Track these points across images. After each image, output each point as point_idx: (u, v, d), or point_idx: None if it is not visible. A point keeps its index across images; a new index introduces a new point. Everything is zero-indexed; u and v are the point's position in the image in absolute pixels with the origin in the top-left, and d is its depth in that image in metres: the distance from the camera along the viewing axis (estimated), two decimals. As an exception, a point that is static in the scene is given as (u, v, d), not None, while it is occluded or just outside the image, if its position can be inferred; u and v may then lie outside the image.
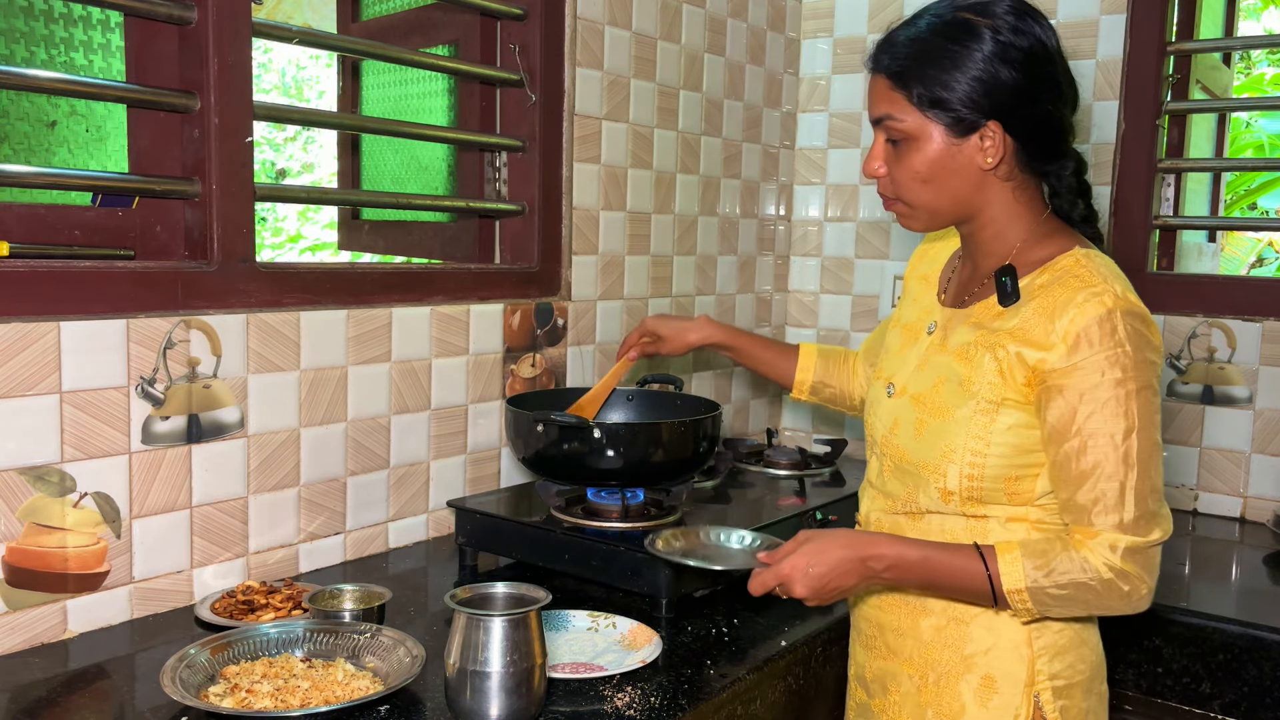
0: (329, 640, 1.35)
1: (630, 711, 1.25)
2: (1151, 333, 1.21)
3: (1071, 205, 1.33)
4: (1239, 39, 2.93)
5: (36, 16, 1.68)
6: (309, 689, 1.22)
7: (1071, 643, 1.28)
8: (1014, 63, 1.21)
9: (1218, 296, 2.33)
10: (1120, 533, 1.17)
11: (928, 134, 1.24)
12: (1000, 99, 1.22)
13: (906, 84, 1.24)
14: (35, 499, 1.38)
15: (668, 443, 1.68)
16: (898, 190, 1.30)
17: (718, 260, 2.64)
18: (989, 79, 1.21)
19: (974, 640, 1.28)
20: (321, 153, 7.55)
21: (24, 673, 1.32)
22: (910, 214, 1.32)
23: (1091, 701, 1.31)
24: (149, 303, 1.48)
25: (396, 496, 1.87)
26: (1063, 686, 1.27)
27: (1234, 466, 2.30)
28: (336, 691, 1.22)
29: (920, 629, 1.33)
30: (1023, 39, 1.22)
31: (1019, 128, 1.24)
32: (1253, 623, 1.66)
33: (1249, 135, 5.87)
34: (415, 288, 1.87)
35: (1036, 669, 1.26)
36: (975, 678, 1.28)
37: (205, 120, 1.54)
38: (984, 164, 1.25)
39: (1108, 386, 1.17)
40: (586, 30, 2.15)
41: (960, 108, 1.22)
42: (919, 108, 1.24)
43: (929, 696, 1.31)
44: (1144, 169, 2.39)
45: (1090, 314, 1.18)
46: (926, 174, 1.26)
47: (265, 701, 1.18)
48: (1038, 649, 1.26)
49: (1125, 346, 1.17)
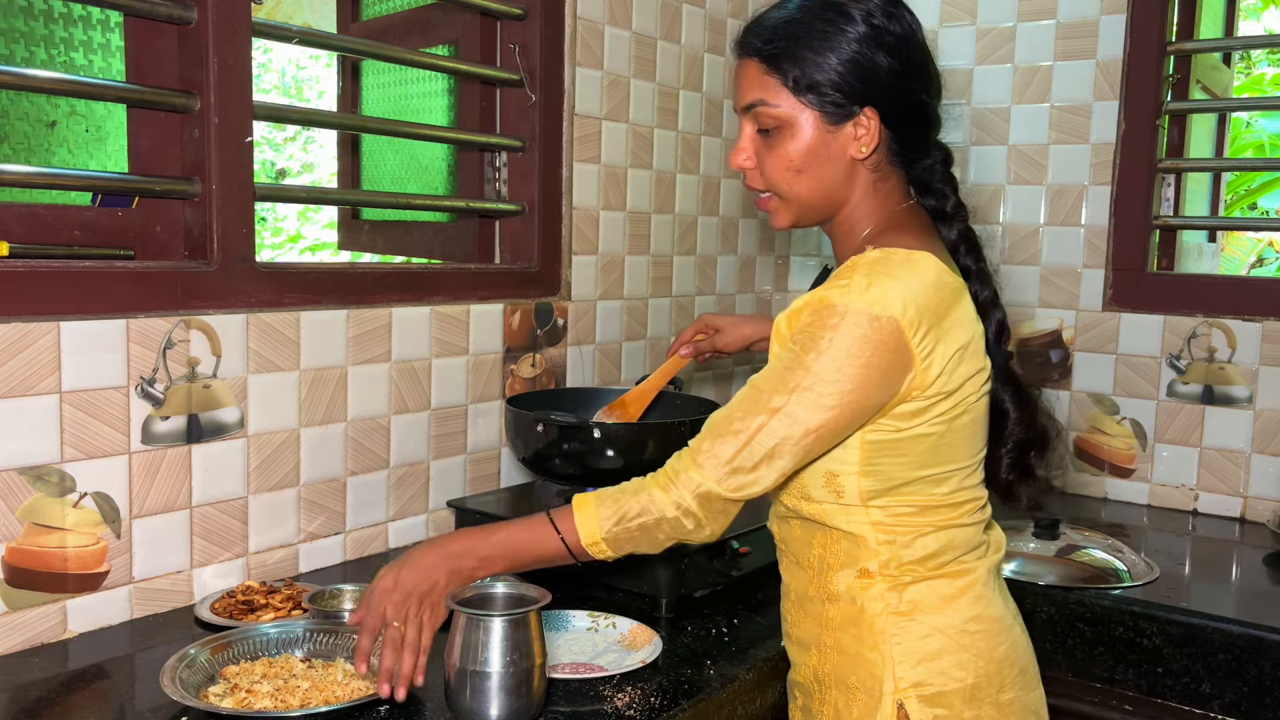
0: (329, 640, 1.35)
1: (630, 711, 1.25)
2: (855, 328, 1.12)
3: (942, 198, 1.28)
4: (1239, 39, 2.93)
5: (36, 16, 1.68)
6: (309, 689, 1.22)
7: (944, 648, 1.21)
8: (888, 48, 1.18)
9: (1218, 296, 2.33)
10: (705, 478, 1.15)
11: (802, 121, 1.20)
12: (876, 85, 1.19)
13: (780, 68, 1.19)
14: (35, 499, 1.38)
15: (668, 443, 1.68)
16: (769, 183, 1.25)
17: (718, 260, 2.64)
18: (865, 63, 1.18)
19: (841, 648, 1.24)
20: (321, 153, 7.55)
21: (24, 673, 1.32)
22: (780, 208, 1.26)
23: (984, 710, 1.22)
24: (149, 303, 1.48)
25: (396, 496, 1.87)
26: (933, 694, 1.20)
27: (1234, 466, 2.30)
28: (336, 691, 1.22)
29: (806, 636, 1.29)
30: (896, 24, 1.19)
31: (892, 116, 1.21)
32: (1253, 623, 1.65)
33: (1249, 135, 5.87)
34: (415, 288, 1.87)
35: (898, 675, 1.20)
36: (845, 685, 1.24)
37: (205, 120, 1.54)
38: (857, 153, 1.21)
39: (781, 359, 1.15)
40: (586, 30, 2.15)
41: (835, 93, 1.18)
42: (793, 93, 1.19)
43: (816, 703, 1.28)
44: (1144, 169, 2.39)
45: (801, 302, 1.16)
46: (800, 163, 1.21)
47: (265, 702, 1.18)
48: (898, 655, 1.20)
49: (814, 334, 1.13)
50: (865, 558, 1.22)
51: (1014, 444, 1.29)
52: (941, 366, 1.15)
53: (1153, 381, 2.39)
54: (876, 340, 1.11)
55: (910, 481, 1.20)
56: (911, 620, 1.21)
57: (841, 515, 1.22)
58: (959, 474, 1.22)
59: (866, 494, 1.20)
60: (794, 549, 1.31)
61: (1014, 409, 1.29)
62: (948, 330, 1.16)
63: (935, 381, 1.15)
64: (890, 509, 1.21)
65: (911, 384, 1.14)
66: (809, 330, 1.14)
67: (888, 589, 1.21)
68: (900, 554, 1.21)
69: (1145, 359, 2.40)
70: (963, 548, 1.23)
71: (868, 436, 1.18)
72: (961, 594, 1.22)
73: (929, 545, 1.21)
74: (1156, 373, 2.38)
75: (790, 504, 1.26)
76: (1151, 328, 2.39)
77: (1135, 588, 1.82)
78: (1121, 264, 2.43)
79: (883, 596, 1.21)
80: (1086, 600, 1.77)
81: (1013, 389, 1.29)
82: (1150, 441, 2.40)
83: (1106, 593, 1.79)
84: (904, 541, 1.21)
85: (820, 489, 1.22)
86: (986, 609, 1.24)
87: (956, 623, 1.21)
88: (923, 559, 1.21)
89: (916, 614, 1.21)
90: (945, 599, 1.22)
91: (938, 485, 1.21)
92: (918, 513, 1.21)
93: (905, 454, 1.19)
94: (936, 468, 1.20)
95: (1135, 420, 2.41)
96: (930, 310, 1.14)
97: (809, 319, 1.15)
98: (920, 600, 1.21)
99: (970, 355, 1.18)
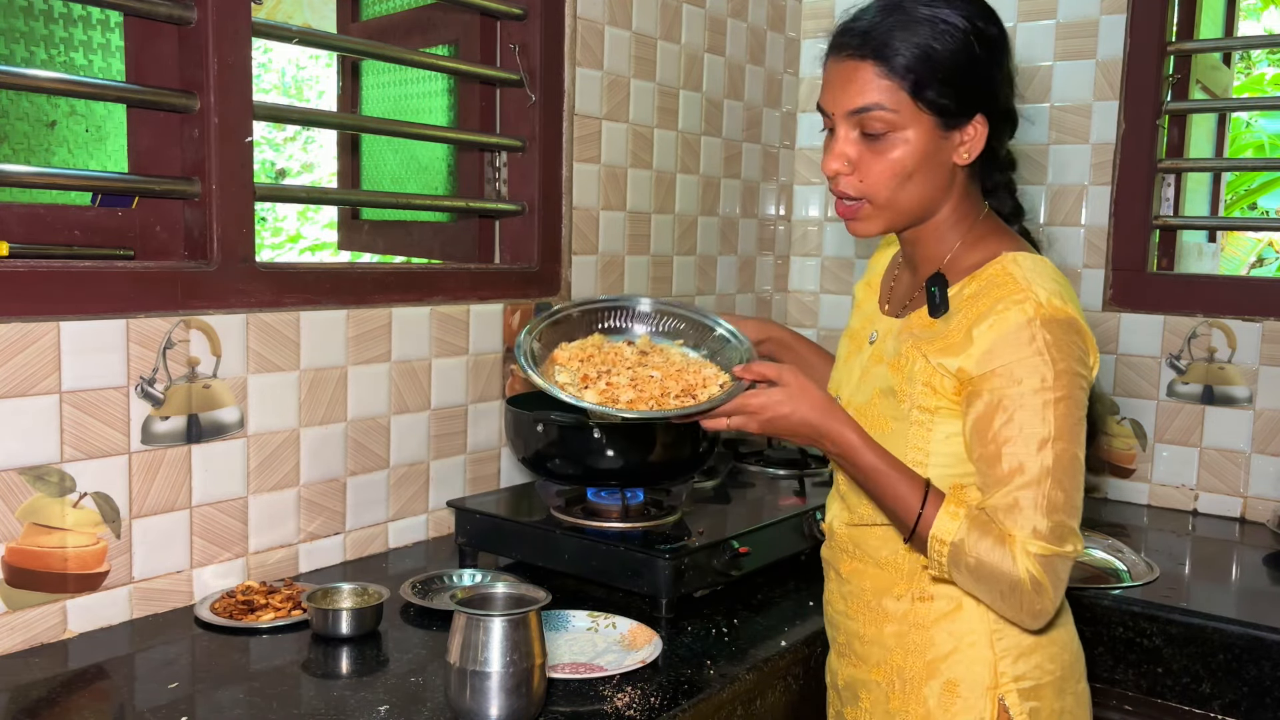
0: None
1: (630, 711, 1.25)
2: (1079, 341, 1.17)
3: (1003, 202, 1.31)
4: (1239, 39, 2.93)
5: (36, 16, 1.68)
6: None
7: (1038, 643, 1.25)
8: (995, 54, 1.20)
9: (1218, 296, 2.33)
10: (1035, 539, 1.14)
11: (918, 127, 1.19)
12: (988, 92, 1.20)
13: (902, 73, 1.17)
14: (35, 499, 1.38)
15: (668, 443, 1.68)
16: (867, 189, 1.23)
17: (718, 260, 2.64)
18: (982, 71, 1.19)
19: (936, 645, 1.26)
20: (321, 153, 7.55)
21: (24, 673, 1.32)
22: (873, 215, 1.25)
23: (1067, 702, 1.27)
24: (149, 303, 1.48)
25: (396, 496, 1.87)
26: (1030, 688, 1.24)
27: (1234, 466, 2.30)
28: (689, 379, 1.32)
29: (884, 635, 1.30)
30: (994, 27, 1.21)
31: (996, 122, 1.22)
32: (1253, 623, 1.65)
33: (1249, 135, 5.87)
34: (415, 288, 1.87)
35: (1000, 671, 1.23)
36: (938, 683, 1.25)
37: (205, 120, 1.54)
38: (960, 159, 1.22)
39: (1026, 394, 1.14)
40: (586, 30, 2.15)
41: (954, 100, 1.18)
42: (912, 97, 1.18)
43: (896, 704, 1.29)
44: (1144, 169, 2.39)
45: (1009, 321, 1.16)
46: (912, 169, 1.20)
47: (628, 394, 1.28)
48: (1000, 651, 1.23)
49: (1046, 355, 1.14)
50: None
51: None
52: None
53: (1153, 381, 2.39)
54: (1079, 341, 1.18)
55: None
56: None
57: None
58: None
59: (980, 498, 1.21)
60: (871, 549, 1.31)
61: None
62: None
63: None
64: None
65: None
66: (1027, 355, 1.15)
67: None
68: None
69: (1145, 359, 2.40)
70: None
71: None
72: None
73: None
74: (1156, 373, 2.38)
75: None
76: (1151, 328, 2.39)
77: (1135, 588, 1.82)
78: (1121, 264, 2.43)
79: None
80: (1086, 600, 1.77)
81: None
82: (1150, 441, 2.40)
83: (1106, 593, 1.79)
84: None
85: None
86: (1065, 601, 1.27)
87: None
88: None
89: None
90: None
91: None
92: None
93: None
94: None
95: (1135, 420, 2.41)
96: (1073, 298, 1.21)
97: (1013, 344, 1.15)
98: None
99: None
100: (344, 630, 1.43)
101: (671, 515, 1.73)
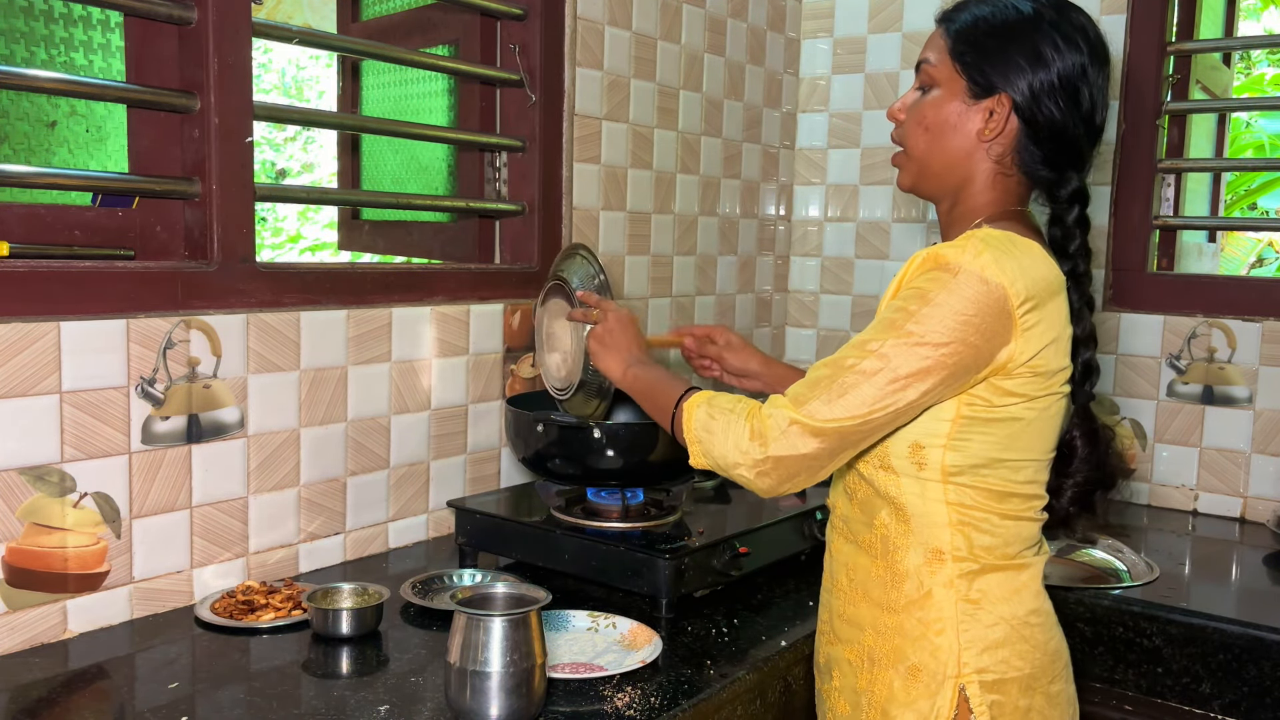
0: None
1: (630, 711, 1.25)
2: (980, 302, 1.14)
3: (1068, 236, 1.29)
4: (1239, 39, 2.93)
5: (36, 16, 1.68)
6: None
7: (1008, 638, 1.25)
8: (1039, 51, 1.23)
9: (1218, 296, 2.33)
10: (782, 398, 1.20)
11: (949, 85, 1.27)
12: (1016, 76, 1.24)
13: (949, 32, 1.28)
14: (35, 499, 1.38)
15: (667, 443, 1.68)
16: (904, 137, 1.33)
17: (718, 260, 2.64)
18: (1016, 53, 1.23)
19: (904, 630, 1.27)
20: (321, 153, 7.55)
21: (24, 673, 1.32)
22: (905, 165, 1.34)
23: (1035, 700, 1.26)
24: (149, 303, 1.48)
25: (396, 496, 1.87)
26: (993, 681, 1.24)
27: (1234, 466, 2.30)
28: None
29: (860, 615, 1.31)
30: (1059, 36, 1.24)
31: (1027, 116, 1.24)
32: (1253, 623, 1.65)
33: (1249, 135, 5.87)
34: (415, 288, 1.87)
35: (963, 661, 1.23)
36: (904, 667, 1.26)
37: (205, 120, 1.54)
38: (984, 132, 1.26)
39: (887, 311, 1.19)
40: (586, 30, 2.15)
41: (979, 68, 1.25)
42: (951, 57, 1.27)
43: (864, 682, 1.30)
44: (1144, 169, 2.39)
45: (917, 258, 1.20)
46: (931, 122, 1.28)
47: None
48: (964, 641, 1.24)
49: (924, 288, 1.16)
50: (936, 538, 1.24)
51: (1082, 479, 1.33)
52: (1040, 345, 1.18)
53: (1153, 381, 2.39)
54: (983, 302, 1.15)
55: (992, 463, 1.22)
56: (979, 609, 1.24)
57: (917, 489, 1.24)
58: (1035, 465, 1.26)
59: (949, 469, 1.22)
60: (853, 527, 1.33)
61: (1084, 446, 1.33)
62: (1049, 313, 1.20)
63: (1033, 359, 1.18)
64: (968, 489, 1.23)
65: (1010, 355, 1.17)
66: (919, 284, 1.18)
67: (957, 575, 1.24)
68: (973, 538, 1.23)
69: (1145, 359, 2.40)
70: (1026, 541, 1.27)
71: (962, 410, 1.20)
72: (1025, 587, 1.26)
73: (1000, 533, 1.24)
74: (1156, 373, 2.38)
75: (866, 472, 1.28)
76: (1151, 328, 2.39)
77: (1135, 588, 1.82)
78: (1121, 264, 2.43)
79: (952, 583, 1.24)
80: (1086, 600, 1.77)
81: (1087, 426, 1.33)
82: (1150, 441, 2.40)
83: (1106, 592, 1.79)
84: (977, 524, 1.24)
85: (902, 459, 1.24)
86: (1044, 603, 1.29)
87: (1020, 614, 1.25)
88: (992, 547, 1.24)
89: (984, 603, 1.24)
90: (1012, 590, 1.25)
91: (1016, 472, 1.24)
92: (993, 498, 1.23)
93: (994, 434, 1.21)
94: (1019, 454, 1.23)
95: (1135, 420, 2.41)
96: (1037, 289, 1.18)
97: (921, 273, 1.19)
98: (989, 590, 1.24)
99: (1060, 350, 1.22)
100: (344, 630, 1.43)
101: (671, 515, 1.73)
